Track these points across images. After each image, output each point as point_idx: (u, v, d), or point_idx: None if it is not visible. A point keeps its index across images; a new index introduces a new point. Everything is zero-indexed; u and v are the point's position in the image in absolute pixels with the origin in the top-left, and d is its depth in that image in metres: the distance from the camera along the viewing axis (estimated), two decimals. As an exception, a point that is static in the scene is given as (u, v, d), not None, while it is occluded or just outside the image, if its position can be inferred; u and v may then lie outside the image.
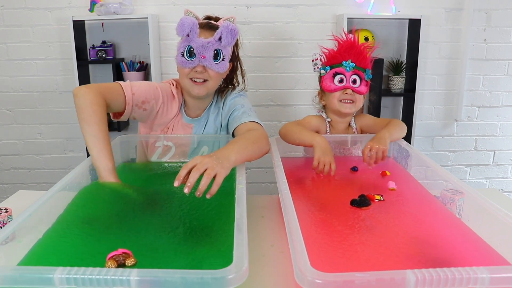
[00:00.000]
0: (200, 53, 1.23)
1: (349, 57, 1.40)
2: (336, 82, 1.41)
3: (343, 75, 1.40)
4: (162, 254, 0.75)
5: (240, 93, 1.43)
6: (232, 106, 1.37)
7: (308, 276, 0.57)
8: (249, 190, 0.92)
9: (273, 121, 2.64)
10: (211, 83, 1.30)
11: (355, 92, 1.41)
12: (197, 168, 0.88)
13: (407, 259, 0.75)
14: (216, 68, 1.26)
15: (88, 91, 1.12)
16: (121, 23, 2.49)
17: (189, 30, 1.21)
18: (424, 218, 0.93)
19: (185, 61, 1.25)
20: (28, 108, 2.61)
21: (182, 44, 1.25)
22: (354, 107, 1.45)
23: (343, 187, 1.15)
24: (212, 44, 1.23)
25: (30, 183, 2.76)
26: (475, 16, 2.52)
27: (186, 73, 1.28)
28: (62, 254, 0.74)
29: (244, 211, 0.78)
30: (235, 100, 1.38)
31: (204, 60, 1.24)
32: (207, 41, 1.23)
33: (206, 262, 0.72)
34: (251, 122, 1.27)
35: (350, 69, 1.39)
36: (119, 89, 1.23)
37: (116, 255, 0.69)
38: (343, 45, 1.41)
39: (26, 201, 0.86)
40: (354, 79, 1.40)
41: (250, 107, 1.36)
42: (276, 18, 2.50)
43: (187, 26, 1.20)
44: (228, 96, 1.41)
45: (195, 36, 1.23)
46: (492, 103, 2.70)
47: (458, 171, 2.83)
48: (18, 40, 2.48)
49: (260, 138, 1.16)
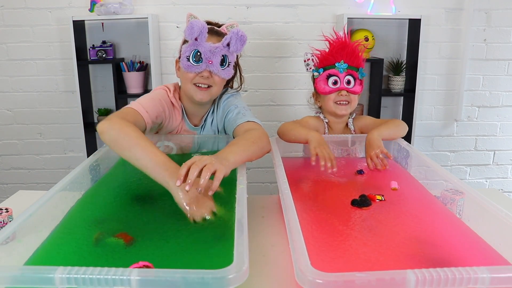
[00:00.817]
0: (207, 58, 1.21)
1: (342, 58, 1.39)
2: (330, 84, 1.41)
3: (336, 76, 1.40)
4: (162, 254, 0.75)
5: (232, 93, 1.40)
6: (225, 108, 1.35)
7: (309, 276, 0.57)
8: (250, 190, 0.92)
9: (273, 121, 2.64)
10: (215, 89, 1.28)
11: (349, 92, 1.41)
12: (196, 165, 0.87)
13: (407, 259, 0.75)
14: (222, 74, 1.25)
15: (112, 123, 1.03)
16: (121, 23, 2.49)
17: (198, 33, 1.18)
18: (425, 218, 0.93)
19: (191, 66, 1.22)
20: (28, 108, 2.61)
21: (188, 48, 1.22)
22: (349, 108, 1.45)
23: (344, 187, 1.14)
24: (220, 49, 1.22)
25: (30, 183, 2.76)
26: (475, 16, 2.52)
27: (191, 78, 1.25)
28: (67, 256, 0.74)
29: (245, 211, 0.78)
30: (228, 101, 1.36)
31: (211, 66, 1.22)
32: (215, 46, 1.21)
33: (207, 262, 0.72)
34: (247, 122, 1.25)
35: (344, 70, 1.39)
36: (134, 111, 1.16)
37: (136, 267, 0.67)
38: (335, 46, 1.40)
39: (26, 201, 0.86)
40: (348, 80, 1.40)
41: (244, 106, 1.34)
42: (276, 18, 2.50)
43: (196, 29, 1.18)
44: (222, 97, 1.39)
45: (203, 41, 1.20)
46: (492, 103, 2.70)
47: (458, 171, 2.83)
48: (18, 40, 2.48)
49: (259, 137, 1.14)
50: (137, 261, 0.68)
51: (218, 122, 1.40)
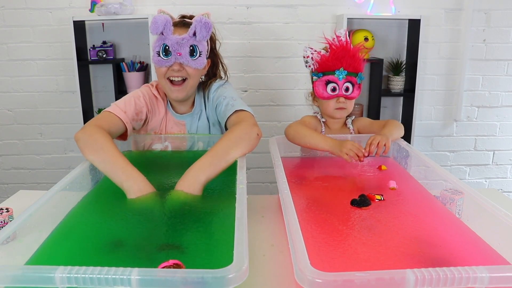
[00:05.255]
0: (175, 50, 1.21)
1: (341, 65, 1.38)
2: (329, 90, 1.41)
3: (335, 83, 1.40)
4: (162, 253, 0.75)
5: (220, 83, 1.39)
6: (215, 99, 1.35)
7: (308, 275, 0.58)
8: (249, 190, 0.93)
9: (273, 121, 2.65)
10: (190, 81, 1.28)
11: (347, 99, 1.42)
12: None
13: (407, 259, 0.75)
14: (194, 65, 1.24)
15: (84, 131, 1.10)
16: (121, 23, 2.49)
17: (163, 27, 1.19)
18: (424, 218, 0.93)
19: (161, 60, 1.23)
20: (29, 108, 2.62)
21: (157, 43, 1.23)
22: (346, 112, 1.47)
23: (344, 187, 1.15)
24: (187, 40, 1.21)
25: (31, 183, 2.76)
26: (474, 17, 2.52)
27: (163, 72, 1.26)
28: (67, 256, 0.74)
29: (245, 211, 0.78)
30: (217, 92, 1.36)
31: (180, 57, 1.22)
32: (181, 37, 1.21)
33: (206, 261, 0.72)
34: (235, 114, 1.23)
35: (343, 77, 1.39)
36: (109, 115, 1.21)
37: (167, 266, 0.67)
38: (336, 52, 1.38)
39: (27, 201, 0.86)
40: (347, 87, 1.40)
41: (232, 95, 1.32)
42: (276, 18, 2.50)
43: (160, 23, 1.18)
44: (210, 89, 1.38)
45: (169, 34, 1.21)
46: (492, 103, 2.70)
47: (457, 171, 2.83)
48: (18, 40, 2.49)
49: (240, 137, 1.10)
50: (137, 260, 0.68)
51: (209, 113, 1.40)
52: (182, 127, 1.40)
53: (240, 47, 2.53)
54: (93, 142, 1.06)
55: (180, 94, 1.28)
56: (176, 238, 0.80)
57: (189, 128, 1.41)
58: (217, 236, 0.81)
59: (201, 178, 0.98)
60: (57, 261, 0.73)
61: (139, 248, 0.77)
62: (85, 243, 0.79)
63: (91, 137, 1.08)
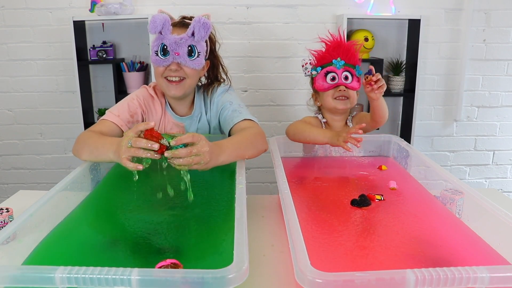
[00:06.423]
0: (173, 50, 1.21)
1: (338, 55, 1.42)
2: (328, 80, 1.43)
3: (334, 73, 1.42)
4: (162, 254, 0.75)
5: (225, 88, 1.40)
6: (220, 104, 1.35)
7: (309, 275, 0.58)
8: (249, 190, 0.93)
9: (273, 121, 2.65)
10: (188, 81, 1.28)
11: (348, 88, 1.43)
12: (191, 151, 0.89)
13: (407, 259, 0.75)
14: (191, 65, 1.24)
15: (77, 140, 1.15)
16: (121, 24, 2.49)
17: (161, 27, 1.19)
18: (424, 218, 0.93)
19: (159, 60, 1.23)
20: (29, 108, 2.61)
21: (155, 42, 1.23)
22: (349, 103, 1.46)
23: (344, 187, 1.15)
24: (186, 40, 1.21)
25: (31, 183, 2.76)
26: (474, 17, 2.52)
27: (161, 72, 1.26)
28: (66, 255, 0.74)
29: (244, 211, 0.78)
30: (222, 98, 1.36)
31: (178, 57, 1.22)
32: (180, 37, 1.21)
33: (207, 261, 0.72)
34: (244, 121, 1.25)
35: (341, 66, 1.41)
36: (104, 121, 1.24)
37: (164, 265, 0.67)
38: (331, 45, 1.44)
39: (27, 201, 0.86)
40: (346, 75, 1.42)
41: (239, 102, 1.33)
42: (276, 18, 2.50)
43: (159, 23, 1.19)
44: (214, 93, 1.39)
45: (167, 33, 1.21)
46: (492, 103, 2.70)
47: (457, 171, 2.83)
48: (18, 40, 2.48)
49: (255, 136, 1.15)
50: (137, 261, 0.68)
51: (212, 117, 1.39)
52: (181, 128, 1.40)
53: (240, 47, 2.53)
54: (83, 144, 1.11)
55: (178, 91, 1.28)
56: (176, 238, 0.80)
57: (188, 130, 1.41)
58: (217, 236, 0.81)
59: (221, 158, 1.00)
60: (53, 260, 0.73)
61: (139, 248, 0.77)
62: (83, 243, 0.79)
63: (81, 142, 1.13)
